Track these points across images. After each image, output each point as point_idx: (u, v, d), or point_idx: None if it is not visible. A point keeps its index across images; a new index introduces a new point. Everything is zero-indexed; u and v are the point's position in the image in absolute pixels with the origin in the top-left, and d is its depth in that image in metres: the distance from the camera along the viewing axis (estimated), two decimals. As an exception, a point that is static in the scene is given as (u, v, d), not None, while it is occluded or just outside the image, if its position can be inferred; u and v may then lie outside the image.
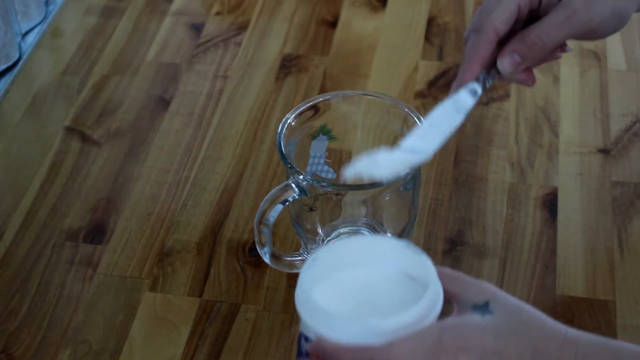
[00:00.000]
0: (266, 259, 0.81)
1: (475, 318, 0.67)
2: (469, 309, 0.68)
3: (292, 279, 0.85)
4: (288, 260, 0.83)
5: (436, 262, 0.71)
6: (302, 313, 0.67)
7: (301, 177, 0.78)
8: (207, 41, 1.11)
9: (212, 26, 1.13)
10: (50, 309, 0.84)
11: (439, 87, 1.04)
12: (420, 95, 1.03)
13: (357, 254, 0.71)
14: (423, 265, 0.68)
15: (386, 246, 0.71)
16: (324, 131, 0.84)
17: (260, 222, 0.79)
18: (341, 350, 0.64)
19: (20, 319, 0.83)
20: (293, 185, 0.78)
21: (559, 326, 0.68)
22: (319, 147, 0.84)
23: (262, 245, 0.80)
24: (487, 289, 0.69)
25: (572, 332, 0.67)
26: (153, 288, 0.85)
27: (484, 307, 0.68)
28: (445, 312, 0.68)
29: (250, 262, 0.87)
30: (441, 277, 0.70)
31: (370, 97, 0.84)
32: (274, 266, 0.82)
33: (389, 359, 0.66)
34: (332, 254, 0.70)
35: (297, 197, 0.79)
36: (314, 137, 0.84)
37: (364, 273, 0.71)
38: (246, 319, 0.83)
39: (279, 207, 0.78)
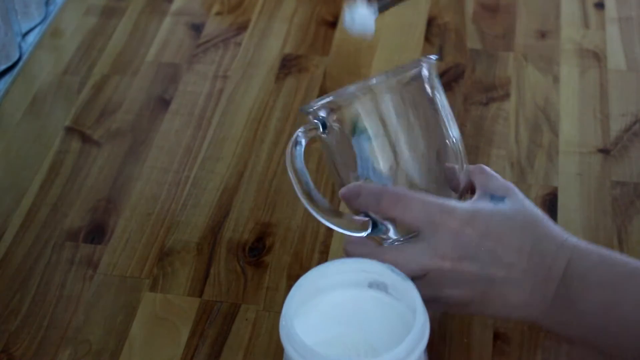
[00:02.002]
0: (310, 209, 0.73)
1: (488, 204, 0.72)
2: (486, 197, 0.73)
3: (292, 279, 0.85)
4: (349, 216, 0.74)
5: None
6: (287, 349, 0.66)
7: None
8: (207, 41, 1.11)
9: (212, 26, 1.13)
10: (50, 309, 0.84)
11: (439, 87, 1.04)
12: (420, 95, 1.03)
13: (341, 276, 0.71)
14: (408, 291, 0.68)
15: (371, 268, 0.70)
16: (358, 130, 0.74)
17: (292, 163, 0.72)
18: None
19: (20, 319, 0.83)
20: (317, 122, 0.73)
21: (562, 232, 0.73)
22: (361, 147, 0.74)
23: (305, 193, 0.72)
24: (510, 186, 0.74)
25: (573, 238, 0.72)
26: (153, 288, 0.85)
27: (499, 199, 0.73)
28: None
29: (250, 262, 0.87)
30: (471, 172, 0.75)
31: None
32: (327, 221, 0.74)
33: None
34: (315, 277, 0.70)
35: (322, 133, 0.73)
36: (353, 132, 0.75)
37: (349, 296, 0.71)
38: (246, 319, 0.83)
39: (301, 146, 0.72)
